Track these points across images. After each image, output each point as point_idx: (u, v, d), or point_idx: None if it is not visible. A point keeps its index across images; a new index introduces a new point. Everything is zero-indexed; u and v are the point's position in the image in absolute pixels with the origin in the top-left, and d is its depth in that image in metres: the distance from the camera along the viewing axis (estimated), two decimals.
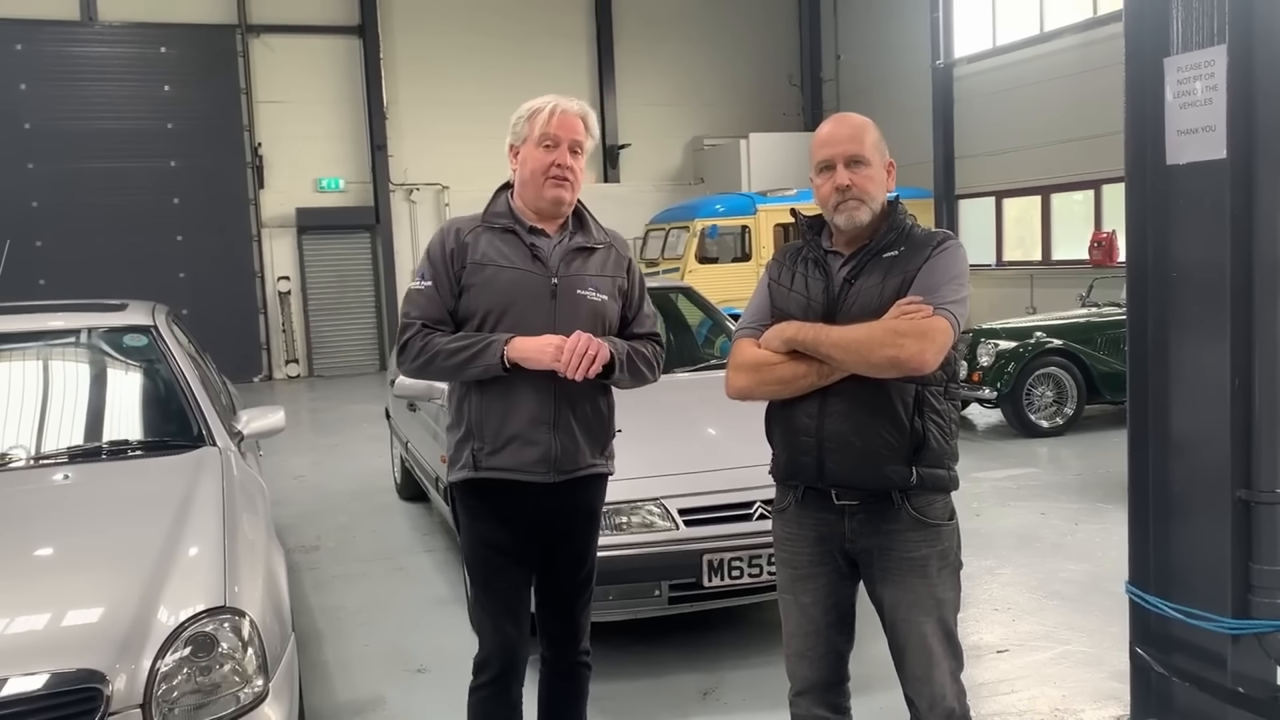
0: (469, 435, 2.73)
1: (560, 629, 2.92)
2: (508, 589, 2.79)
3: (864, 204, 2.46)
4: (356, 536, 6.56)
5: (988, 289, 14.21)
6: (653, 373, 2.87)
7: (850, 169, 2.45)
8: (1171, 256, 2.70)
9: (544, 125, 2.69)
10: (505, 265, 2.70)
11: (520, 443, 2.68)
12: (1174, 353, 2.71)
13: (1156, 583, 2.83)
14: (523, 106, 2.77)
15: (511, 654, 2.80)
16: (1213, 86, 2.51)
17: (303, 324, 16.35)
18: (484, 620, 2.84)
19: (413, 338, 2.69)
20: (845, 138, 2.48)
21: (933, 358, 2.32)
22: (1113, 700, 3.74)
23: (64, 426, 3.85)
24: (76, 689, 2.34)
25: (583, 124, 2.73)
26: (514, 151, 2.77)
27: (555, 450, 2.69)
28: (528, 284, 2.70)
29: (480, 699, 2.81)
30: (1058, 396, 9.10)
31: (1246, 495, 2.55)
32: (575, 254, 2.77)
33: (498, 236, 2.74)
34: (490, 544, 2.78)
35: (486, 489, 2.73)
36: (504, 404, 2.68)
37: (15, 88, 14.69)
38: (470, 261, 2.70)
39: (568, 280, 2.73)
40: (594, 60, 17.63)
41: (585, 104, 2.78)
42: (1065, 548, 5.75)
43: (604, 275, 2.80)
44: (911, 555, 2.47)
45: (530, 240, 2.73)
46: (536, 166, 2.70)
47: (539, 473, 2.69)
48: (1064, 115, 13.18)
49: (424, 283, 2.73)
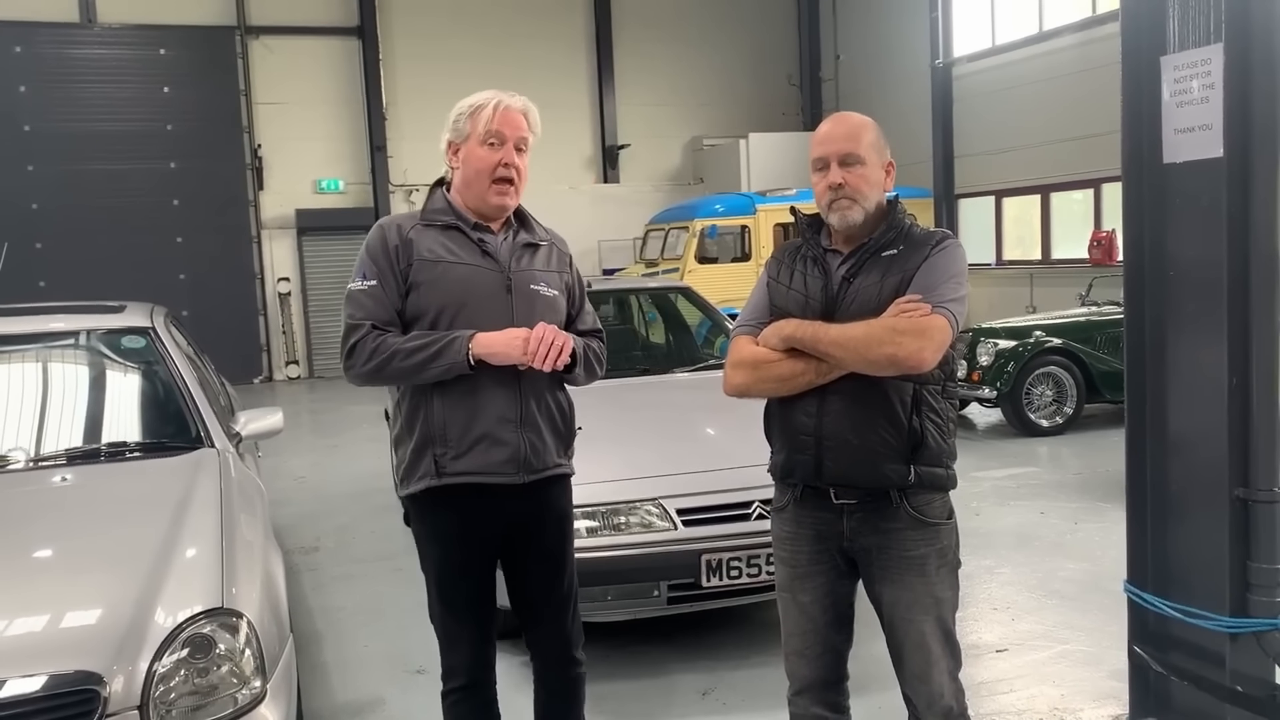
0: (428, 441, 2.60)
1: (550, 644, 2.81)
2: (473, 604, 2.71)
3: (856, 203, 2.46)
4: (356, 538, 6.56)
5: (987, 288, 14.21)
6: (601, 368, 2.81)
7: (844, 168, 2.45)
8: (1168, 255, 2.70)
9: (488, 122, 2.59)
10: (455, 261, 2.60)
11: (488, 443, 2.57)
12: (1171, 351, 2.71)
13: (1155, 582, 2.83)
14: (462, 103, 2.67)
15: (480, 661, 2.75)
16: (1209, 85, 2.51)
17: (303, 325, 16.36)
18: (448, 634, 2.74)
19: (362, 340, 2.56)
20: (841, 136, 2.48)
21: (931, 356, 2.32)
22: (1111, 699, 3.74)
23: (62, 428, 3.85)
24: (74, 690, 2.34)
25: (526, 120, 2.64)
26: (453, 149, 2.67)
27: (524, 449, 2.60)
28: (481, 280, 2.61)
29: (453, 703, 2.76)
30: (1057, 395, 9.09)
31: (1244, 494, 2.55)
32: (523, 250, 2.70)
33: (441, 233, 2.64)
34: (454, 561, 2.68)
35: (450, 496, 2.61)
36: (468, 404, 2.57)
37: (15, 90, 14.71)
38: (417, 258, 2.59)
39: (521, 275, 2.65)
40: (593, 61, 17.64)
41: (527, 100, 2.68)
42: (1064, 547, 5.75)
43: (550, 270, 2.74)
44: (910, 554, 2.47)
45: (478, 236, 2.65)
46: (481, 166, 2.61)
47: (508, 473, 2.60)
48: (1063, 114, 13.18)
49: (367, 282, 2.60)
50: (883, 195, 2.52)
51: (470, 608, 2.71)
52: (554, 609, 2.79)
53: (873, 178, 2.47)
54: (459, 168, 2.68)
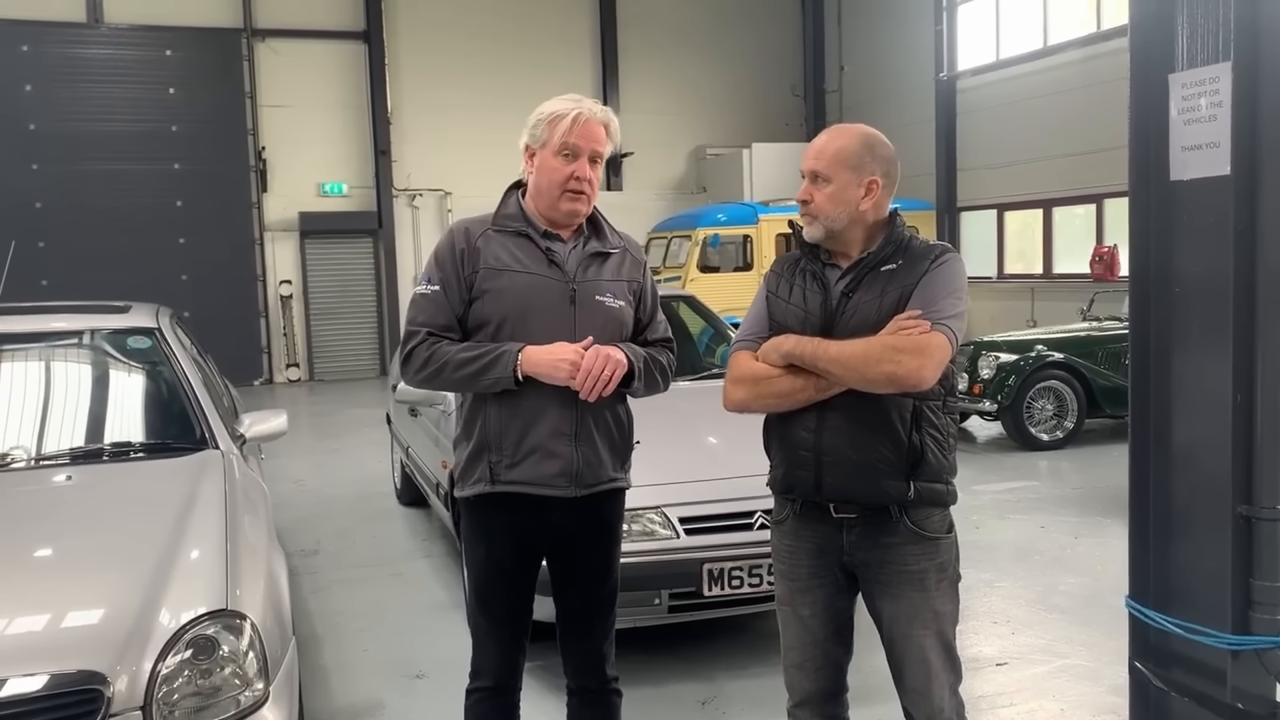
0: (484, 448, 2.60)
1: (585, 657, 2.80)
2: (510, 609, 2.72)
3: (816, 220, 2.47)
4: (356, 541, 6.56)
5: (989, 302, 14.22)
6: (666, 381, 2.79)
7: (812, 184, 2.48)
8: (1174, 271, 2.70)
9: (565, 134, 2.55)
10: (520, 270, 2.58)
11: (541, 455, 2.56)
12: (1176, 367, 2.71)
13: (1156, 597, 2.82)
14: (544, 108, 2.61)
15: (508, 667, 2.75)
16: (1217, 103, 2.52)
17: (304, 328, 16.36)
18: (483, 635, 2.76)
19: (418, 347, 2.56)
20: (814, 152, 2.49)
21: (930, 374, 2.32)
22: (1111, 715, 3.74)
23: (66, 428, 3.86)
24: (77, 690, 2.35)
25: (605, 131, 2.60)
26: (529, 153, 2.63)
27: (577, 463, 2.59)
28: (545, 290, 2.58)
29: (475, 702, 2.77)
30: (1058, 410, 9.10)
31: (1247, 511, 2.55)
32: (592, 259, 2.66)
33: (510, 239, 2.61)
34: (497, 564, 2.69)
35: (502, 504, 2.62)
36: (524, 414, 2.56)
37: (21, 89, 14.72)
38: (483, 266, 2.57)
39: (586, 286, 2.62)
40: (598, 68, 17.66)
41: (609, 110, 2.65)
42: (1065, 561, 5.75)
43: (620, 280, 2.69)
44: (910, 569, 2.47)
45: (546, 244, 2.62)
46: (555, 177, 2.58)
47: (559, 486, 2.58)
48: (1066, 129, 13.20)
49: (430, 287, 2.59)
50: (862, 211, 2.47)
51: (506, 612, 2.72)
52: (591, 621, 2.79)
53: (838, 196, 2.45)
54: (533, 174, 2.63)
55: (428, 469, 5.77)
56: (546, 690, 3.82)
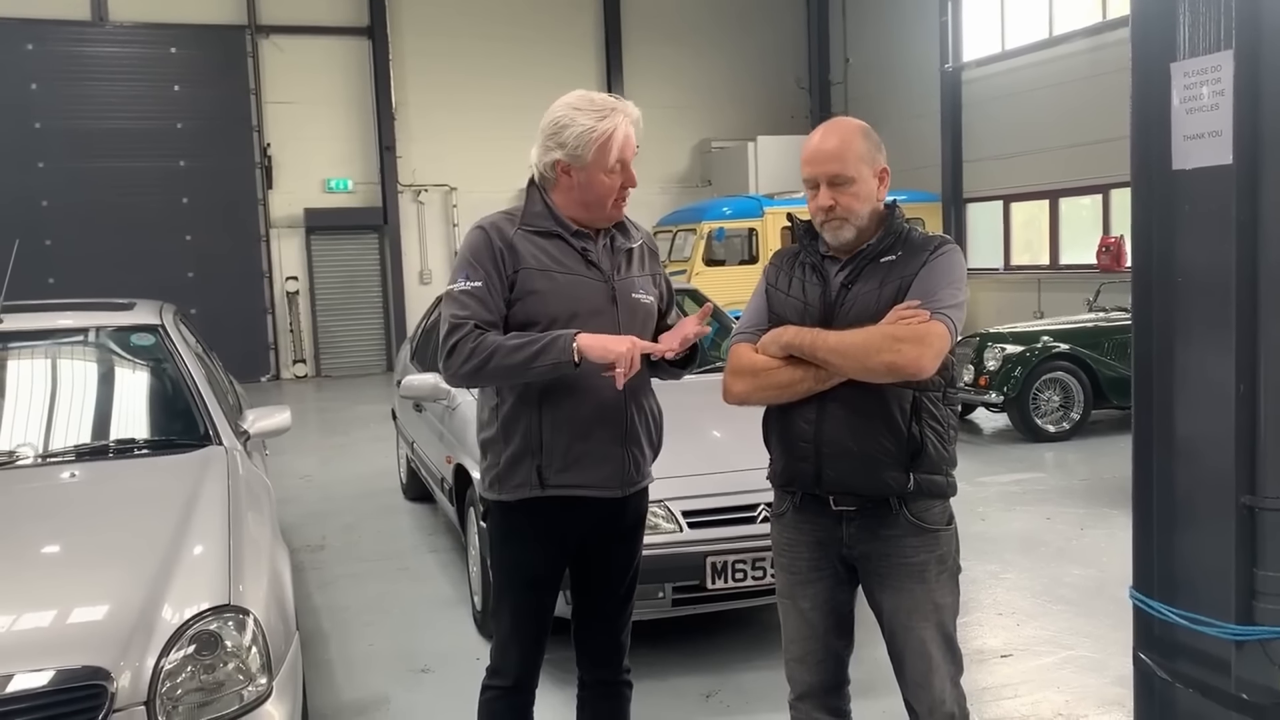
0: (529, 451, 2.54)
1: (602, 649, 2.82)
2: (538, 611, 2.72)
3: (847, 222, 2.45)
4: (362, 536, 6.57)
5: (995, 293, 14.19)
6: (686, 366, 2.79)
7: (834, 188, 2.43)
8: (1177, 262, 2.69)
9: (619, 153, 2.54)
10: (562, 272, 2.55)
11: (594, 458, 2.55)
12: (1179, 358, 2.70)
13: (1160, 588, 2.82)
14: (579, 122, 2.52)
15: (529, 667, 2.75)
16: (1219, 92, 2.51)
17: (310, 324, 16.39)
18: (506, 635, 2.74)
19: (463, 339, 2.46)
20: (827, 156, 2.44)
21: (930, 363, 2.31)
22: (1116, 706, 3.73)
23: (71, 425, 3.87)
24: (81, 686, 2.35)
25: (637, 129, 2.62)
26: (563, 168, 2.55)
27: (628, 465, 2.60)
28: (589, 291, 2.56)
29: (490, 699, 2.77)
30: (1064, 401, 9.08)
31: (1251, 501, 2.54)
32: (621, 256, 2.65)
33: (543, 240, 2.57)
34: (531, 567, 2.67)
35: (545, 508, 2.58)
36: (577, 417, 2.53)
37: (26, 87, 14.76)
38: (523, 266, 2.52)
39: (623, 284, 2.61)
40: (602, 62, 17.65)
41: (630, 103, 2.62)
42: (1070, 553, 5.74)
43: (645, 274, 2.70)
44: (910, 561, 2.47)
45: (581, 245, 2.58)
46: (607, 192, 2.56)
47: (610, 488, 2.59)
48: (1072, 119, 13.15)
49: (471, 283, 2.51)
50: (878, 202, 2.49)
51: (535, 614, 2.72)
52: (612, 613, 2.81)
53: (864, 193, 2.45)
54: (575, 190, 2.57)
55: (433, 464, 5.78)
56: (553, 684, 3.82)
